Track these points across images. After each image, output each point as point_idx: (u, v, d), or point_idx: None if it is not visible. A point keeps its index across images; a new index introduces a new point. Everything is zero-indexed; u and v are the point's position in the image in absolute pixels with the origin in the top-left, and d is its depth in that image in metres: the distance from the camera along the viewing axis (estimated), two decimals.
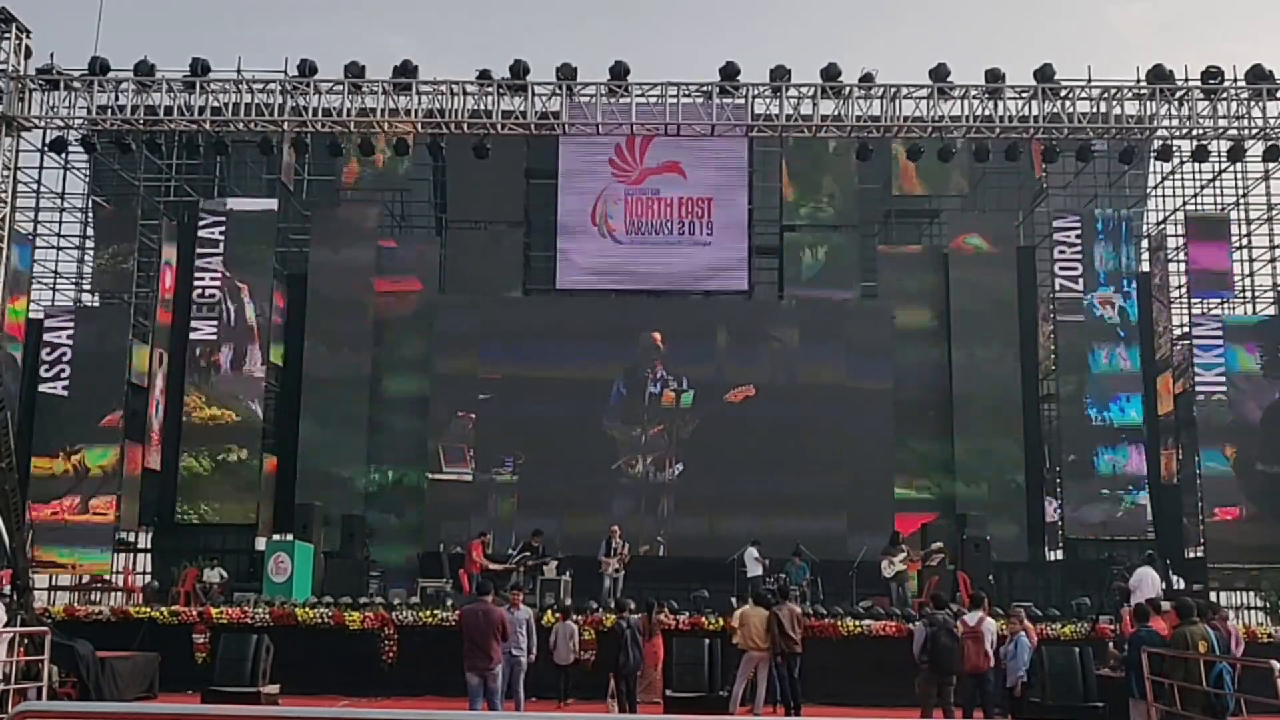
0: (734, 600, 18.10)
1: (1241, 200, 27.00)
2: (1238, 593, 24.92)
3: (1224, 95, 21.11)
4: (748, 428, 26.02)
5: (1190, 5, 66.56)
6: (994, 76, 21.24)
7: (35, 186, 26.08)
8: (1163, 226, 27.88)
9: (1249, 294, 27.44)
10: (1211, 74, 20.98)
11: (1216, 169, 26.28)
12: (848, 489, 25.38)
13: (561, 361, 26.26)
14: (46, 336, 25.16)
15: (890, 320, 26.64)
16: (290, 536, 22.04)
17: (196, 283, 26.28)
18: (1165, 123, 21.44)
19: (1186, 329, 26.50)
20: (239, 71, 22.09)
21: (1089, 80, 21.50)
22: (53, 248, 27.26)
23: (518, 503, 25.64)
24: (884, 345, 26.48)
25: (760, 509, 24.48)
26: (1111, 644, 15.71)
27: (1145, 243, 28.07)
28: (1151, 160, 25.14)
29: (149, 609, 18.97)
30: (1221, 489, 24.83)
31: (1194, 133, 21.65)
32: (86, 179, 27.50)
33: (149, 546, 26.59)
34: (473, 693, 12.85)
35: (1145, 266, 27.55)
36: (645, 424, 26.11)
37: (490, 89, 21.23)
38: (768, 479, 25.60)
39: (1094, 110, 21.48)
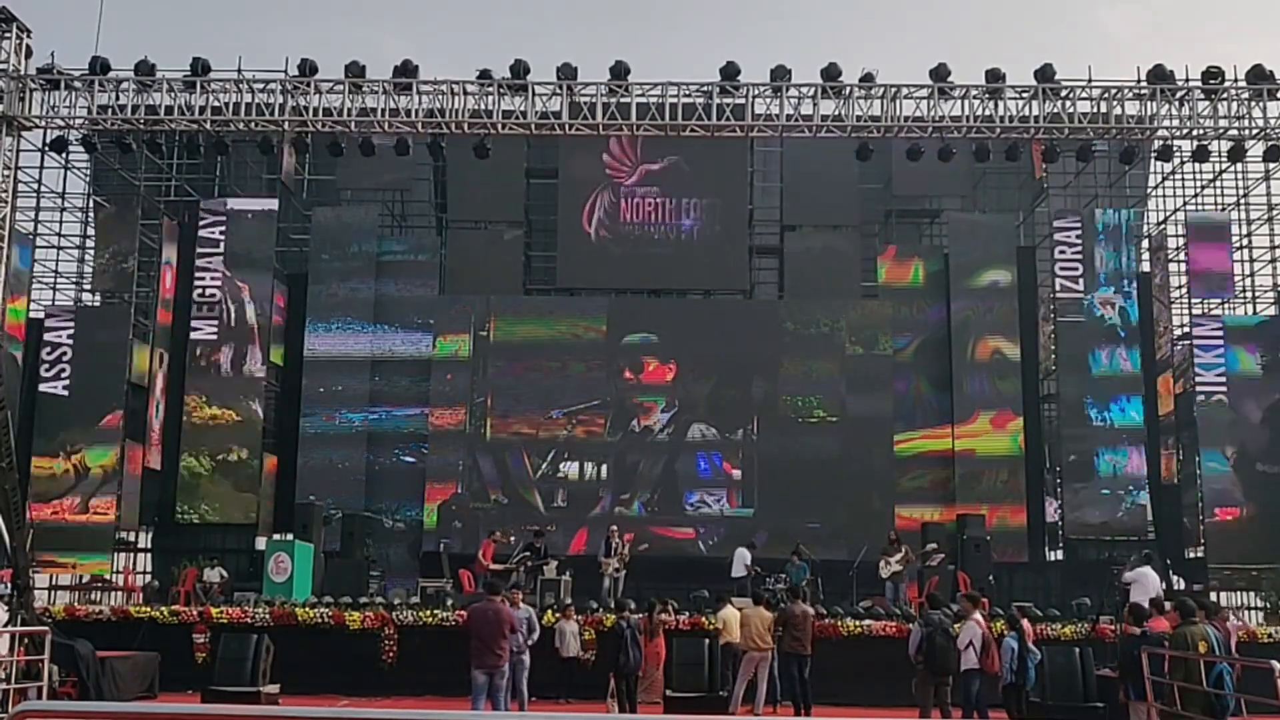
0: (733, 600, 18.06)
1: (1242, 200, 27.00)
2: (1238, 593, 24.91)
3: (1224, 95, 21.09)
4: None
5: (1178, 5, 66.65)
6: (994, 76, 21.23)
7: (36, 186, 26.10)
8: (1163, 227, 27.88)
9: (1249, 294, 27.46)
10: (1212, 74, 20.95)
11: (1217, 169, 26.28)
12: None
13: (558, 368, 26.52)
14: (47, 336, 25.16)
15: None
16: (290, 536, 22.04)
17: (197, 283, 26.30)
18: (1165, 123, 21.41)
19: (1187, 329, 26.50)
20: (239, 71, 22.09)
21: (1089, 80, 21.48)
22: (53, 248, 27.29)
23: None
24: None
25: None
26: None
27: (1146, 243, 28.06)
28: (1152, 160, 25.11)
29: (149, 609, 18.95)
30: (1221, 489, 24.81)
31: (1194, 133, 21.63)
32: (87, 179, 27.50)
33: (149, 546, 26.60)
34: (477, 691, 12.84)
35: (1146, 267, 27.55)
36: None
37: (490, 89, 21.23)
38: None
39: (1094, 110, 21.47)
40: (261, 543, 24.43)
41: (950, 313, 26.82)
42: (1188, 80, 21.48)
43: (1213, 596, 22.15)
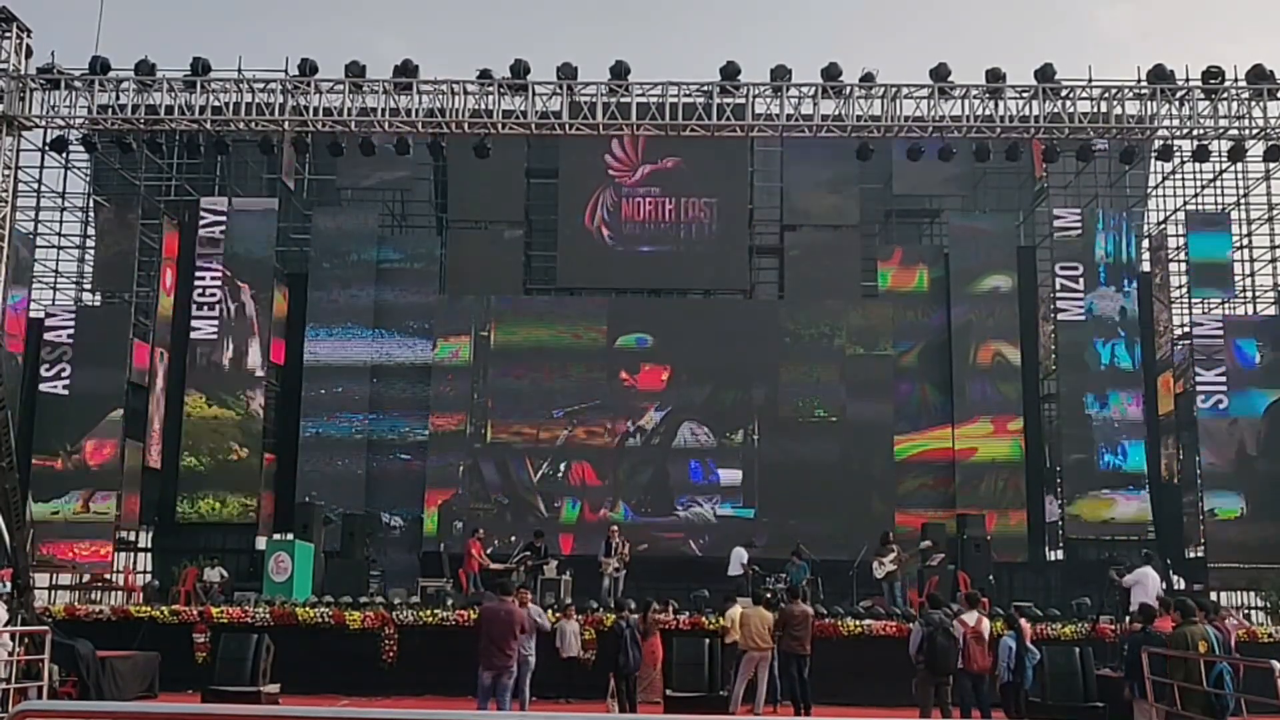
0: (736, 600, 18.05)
1: (1242, 200, 27.01)
2: (1238, 593, 24.90)
3: (1224, 95, 21.09)
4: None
5: (1178, 5, 66.68)
6: (994, 76, 21.22)
7: (36, 186, 26.11)
8: (1163, 226, 27.90)
9: (1250, 294, 27.47)
10: (1212, 74, 20.95)
11: (1217, 169, 26.29)
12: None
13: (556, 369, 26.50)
14: (47, 336, 25.16)
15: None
16: (290, 536, 22.03)
17: (197, 282, 26.31)
18: (1166, 123, 21.41)
19: (1187, 329, 26.50)
20: (240, 71, 22.09)
21: (1089, 80, 21.48)
22: (53, 247, 27.29)
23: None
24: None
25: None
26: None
27: (1146, 243, 28.07)
28: (1152, 160, 25.13)
29: (149, 608, 18.93)
30: (1221, 489, 24.81)
31: (1194, 133, 21.63)
32: (87, 178, 27.51)
33: (149, 546, 26.59)
34: (484, 692, 12.83)
35: (1146, 266, 27.56)
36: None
37: (491, 89, 21.23)
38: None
39: (1094, 110, 21.47)
40: (261, 543, 24.42)
41: (951, 317, 26.81)
42: (1188, 80, 21.48)
43: (1213, 596, 22.16)
